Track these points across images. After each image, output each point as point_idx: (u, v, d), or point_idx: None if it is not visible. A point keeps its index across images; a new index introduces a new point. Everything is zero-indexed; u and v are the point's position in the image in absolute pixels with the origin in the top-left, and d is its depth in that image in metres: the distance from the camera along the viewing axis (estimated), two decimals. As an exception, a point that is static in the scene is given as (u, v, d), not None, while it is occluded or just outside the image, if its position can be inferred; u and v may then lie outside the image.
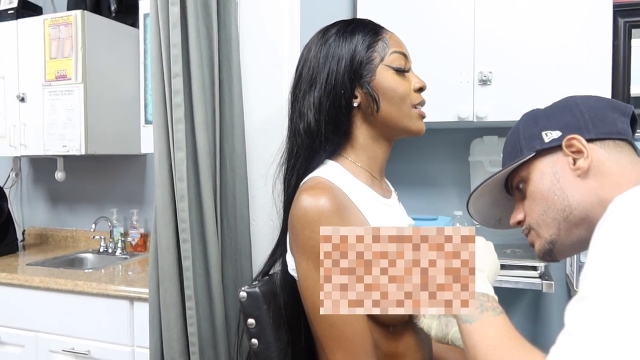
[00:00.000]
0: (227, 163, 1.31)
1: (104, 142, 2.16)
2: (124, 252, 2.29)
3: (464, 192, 2.08)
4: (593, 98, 0.80)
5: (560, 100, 0.83)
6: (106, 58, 2.17)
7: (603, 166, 0.73)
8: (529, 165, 0.80)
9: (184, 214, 1.23)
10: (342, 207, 0.81)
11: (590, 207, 0.73)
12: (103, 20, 2.19)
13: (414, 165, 2.11)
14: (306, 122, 0.89)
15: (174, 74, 1.21)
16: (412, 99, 0.91)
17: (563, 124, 0.77)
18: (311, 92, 0.90)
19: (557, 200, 0.75)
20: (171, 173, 1.25)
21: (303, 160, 0.90)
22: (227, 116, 1.30)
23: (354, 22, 0.93)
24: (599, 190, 0.72)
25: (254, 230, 1.35)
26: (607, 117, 0.76)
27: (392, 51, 0.90)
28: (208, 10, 1.28)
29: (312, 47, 0.93)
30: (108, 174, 2.48)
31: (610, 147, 0.74)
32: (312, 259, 0.79)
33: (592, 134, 0.75)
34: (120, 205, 2.42)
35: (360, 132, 0.92)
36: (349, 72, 0.88)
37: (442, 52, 1.73)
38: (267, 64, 1.33)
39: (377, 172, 0.95)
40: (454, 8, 1.72)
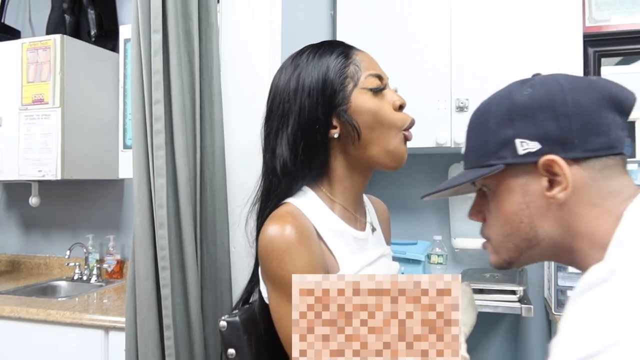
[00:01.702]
0: (208, 189, 1.30)
1: (81, 166, 2.12)
2: (100, 279, 2.24)
3: (443, 217, 2.10)
4: (586, 89, 0.62)
5: (546, 86, 0.64)
6: (85, 82, 2.16)
7: (583, 196, 0.61)
8: (498, 174, 0.65)
9: (163, 241, 1.21)
10: (309, 237, 0.79)
11: (559, 237, 0.63)
12: (82, 45, 2.18)
13: (393, 190, 2.13)
14: (282, 162, 0.85)
15: (155, 100, 1.21)
16: (399, 122, 0.86)
17: (543, 133, 0.61)
18: (284, 129, 0.86)
19: (522, 229, 0.65)
20: (151, 200, 1.23)
21: (279, 199, 0.87)
22: (207, 142, 1.30)
23: (323, 47, 0.89)
24: (572, 223, 0.62)
25: (234, 257, 1.33)
26: (601, 123, 0.60)
27: (366, 74, 0.86)
28: (190, 37, 1.29)
29: (280, 77, 0.89)
30: (84, 199, 2.44)
31: (597, 169, 0.61)
32: (283, 289, 0.77)
33: (578, 151, 0.60)
34: (97, 231, 2.37)
35: (338, 162, 0.88)
36: (322, 105, 0.84)
37: (420, 79, 1.77)
38: (248, 90, 1.34)
39: (352, 203, 0.92)
40: (432, 35, 1.77)
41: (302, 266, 0.77)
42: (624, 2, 1.96)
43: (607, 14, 1.97)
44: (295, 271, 0.76)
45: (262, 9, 1.35)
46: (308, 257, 0.78)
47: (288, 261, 0.76)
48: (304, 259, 0.77)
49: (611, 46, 1.96)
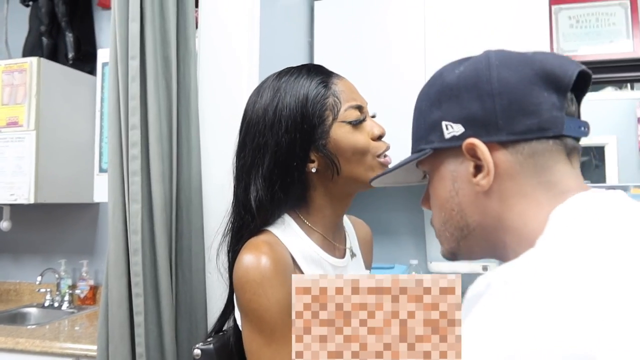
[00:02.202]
0: (184, 215, 1.29)
1: (55, 190, 2.09)
2: (71, 305, 2.18)
3: (419, 241, 2.13)
4: (517, 65, 0.56)
5: (474, 64, 0.59)
6: (61, 105, 2.14)
7: (511, 184, 0.55)
8: (431, 158, 0.61)
9: (137, 267, 1.19)
10: (285, 268, 0.78)
11: (491, 229, 0.58)
12: (59, 68, 2.17)
13: (370, 214, 2.15)
14: (257, 200, 0.82)
15: (131, 125, 1.21)
16: (374, 150, 0.84)
17: (467, 114, 0.56)
18: (259, 165, 0.82)
19: (454, 217, 0.60)
20: (125, 225, 1.22)
21: (252, 234, 0.83)
22: (184, 168, 1.30)
23: (301, 73, 0.85)
24: (502, 214, 0.56)
25: (210, 283, 1.32)
26: (530, 102, 0.54)
27: (345, 107, 0.83)
28: (168, 63, 1.30)
29: (255, 104, 0.85)
30: (57, 223, 2.39)
31: (526, 154, 0.55)
32: (255, 321, 0.76)
33: (503, 134, 0.54)
34: (70, 255, 2.32)
35: (318, 193, 0.86)
36: (300, 140, 0.81)
37: (394, 104, 1.80)
38: (226, 116, 1.35)
39: (331, 231, 0.90)
40: (406, 62, 1.82)
41: (276, 299, 0.76)
42: (589, 34, 2.05)
43: (574, 44, 2.06)
44: (268, 304, 0.75)
45: (240, 36, 1.37)
46: (282, 290, 0.77)
47: (261, 294, 0.76)
48: (278, 291, 0.76)
49: (578, 75, 2.03)
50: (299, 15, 1.91)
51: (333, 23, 1.91)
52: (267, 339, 0.76)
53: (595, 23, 2.05)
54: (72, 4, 2.34)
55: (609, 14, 2.04)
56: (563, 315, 0.41)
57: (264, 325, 0.76)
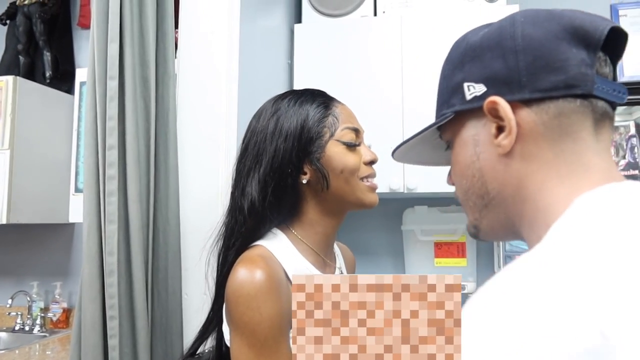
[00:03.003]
0: (160, 236, 1.28)
1: (29, 210, 2.05)
2: (43, 329, 2.13)
3: (398, 261, 2.14)
4: (543, 21, 0.52)
5: (500, 23, 0.56)
6: (37, 124, 2.12)
7: (533, 147, 0.52)
8: (453, 124, 0.59)
9: (112, 289, 1.18)
10: (278, 283, 0.79)
11: (510, 200, 0.55)
12: (36, 86, 2.15)
13: (348, 234, 2.16)
14: (250, 201, 0.86)
15: (108, 146, 1.20)
16: (361, 172, 0.89)
17: (490, 73, 0.53)
18: (256, 169, 0.87)
19: (475, 184, 0.57)
20: (101, 247, 1.21)
21: (243, 239, 0.87)
22: (162, 189, 1.29)
23: (305, 94, 0.92)
24: (521, 181, 0.53)
25: (186, 304, 1.31)
26: (556, 58, 0.50)
27: (343, 127, 0.89)
28: (147, 84, 1.30)
29: (260, 118, 0.91)
30: (31, 244, 2.34)
31: (551, 114, 0.51)
32: (246, 335, 0.77)
33: (526, 91, 0.51)
34: (42, 277, 2.27)
35: (310, 206, 0.90)
36: (297, 150, 0.86)
37: (373, 126, 1.83)
38: (204, 136, 1.35)
39: (323, 248, 0.93)
40: (384, 85, 1.85)
41: (268, 314, 0.77)
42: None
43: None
44: (260, 319, 0.76)
45: (220, 57, 1.38)
46: (276, 305, 0.78)
47: (254, 308, 0.76)
48: (271, 306, 0.77)
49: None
50: (279, 37, 1.94)
51: (313, 45, 1.94)
52: (256, 353, 0.76)
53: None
54: (50, 23, 2.33)
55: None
56: (572, 301, 0.38)
57: (255, 340, 0.76)
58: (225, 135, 1.35)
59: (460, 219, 2.04)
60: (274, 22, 1.88)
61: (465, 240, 2.04)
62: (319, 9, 2.03)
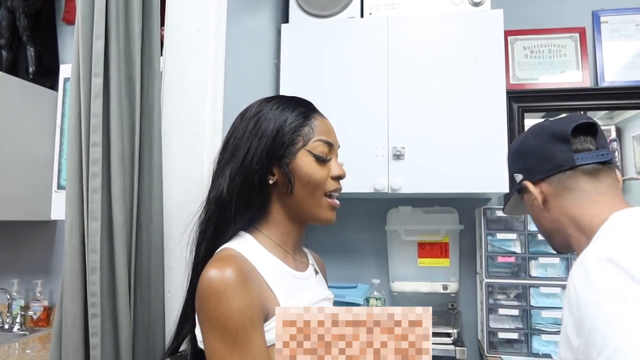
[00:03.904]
0: (144, 234, 1.28)
1: (10, 207, 2.02)
2: (23, 327, 2.10)
3: (381, 261, 2.15)
4: (538, 133, 0.97)
5: (521, 137, 1.02)
6: (19, 120, 2.09)
7: (554, 199, 0.94)
8: (521, 193, 1.03)
9: (94, 287, 1.17)
10: (248, 278, 0.81)
11: (565, 225, 0.93)
12: (18, 82, 2.12)
13: (333, 234, 2.17)
14: (218, 192, 0.91)
15: (92, 143, 1.20)
16: (326, 187, 0.93)
17: (521, 167, 0.99)
18: (229, 164, 0.92)
19: (540, 227, 1.01)
20: (83, 244, 1.20)
21: (213, 229, 0.91)
22: (145, 187, 1.29)
23: (289, 102, 0.96)
24: (559, 216, 0.94)
25: (169, 302, 1.30)
26: (547, 154, 0.93)
27: (316, 139, 0.92)
28: (132, 82, 1.29)
29: (243, 117, 0.96)
30: (11, 241, 2.31)
31: (555, 182, 0.93)
32: (218, 330, 0.78)
33: (538, 175, 0.95)
34: (23, 275, 2.24)
35: (275, 208, 0.94)
36: (267, 151, 0.90)
37: (359, 128, 1.84)
38: (189, 134, 1.35)
39: (291, 246, 0.96)
40: (371, 88, 1.87)
41: (238, 307, 0.78)
42: (543, 64, 2.16)
43: (529, 73, 2.16)
44: (230, 312, 0.77)
45: (206, 56, 1.38)
46: (245, 298, 0.79)
47: (225, 302, 0.78)
48: (240, 299, 0.78)
49: (533, 102, 2.14)
50: (266, 36, 1.94)
51: (299, 46, 1.95)
52: (229, 347, 0.78)
53: (548, 54, 2.17)
54: (34, 18, 2.30)
55: (561, 46, 2.16)
56: None
57: (227, 334, 0.78)
58: (210, 134, 1.35)
59: (443, 220, 2.07)
60: (261, 22, 1.88)
61: (448, 240, 2.07)
62: (306, 9, 2.03)
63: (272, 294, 0.85)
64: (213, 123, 1.36)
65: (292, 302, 0.88)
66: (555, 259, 1.84)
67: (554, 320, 1.81)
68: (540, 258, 1.85)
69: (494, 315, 1.87)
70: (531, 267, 1.85)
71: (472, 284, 2.10)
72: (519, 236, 1.88)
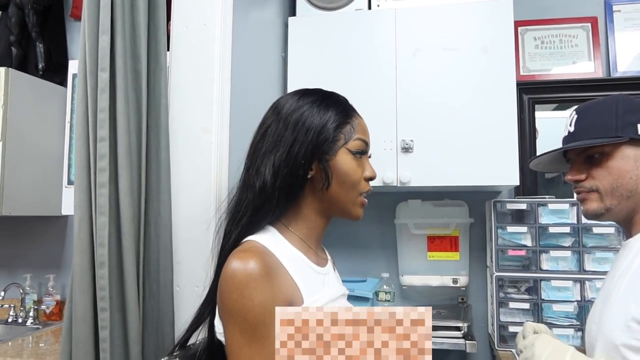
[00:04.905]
0: (152, 228, 1.28)
1: (22, 202, 2.05)
2: (37, 321, 2.13)
3: (391, 254, 2.14)
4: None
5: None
6: (30, 116, 2.10)
7: None
8: (615, 144, 0.97)
9: (103, 281, 1.18)
10: (271, 271, 0.81)
11: None
12: (28, 78, 2.14)
13: (343, 228, 2.16)
14: (262, 181, 0.90)
15: (99, 138, 1.20)
16: (361, 187, 0.95)
17: None
18: (273, 153, 0.91)
19: (629, 182, 0.97)
20: (92, 238, 1.21)
21: (249, 216, 0.90)
22: (153, 181, 1.29)
23: (331, 97, 0.98)
24: None
25: (178, 296, 1.31)
26: None
27: (357, 137, 0.95)
28: (138, 77, 1.29)
29: (285, 105, 0.95)
30: (24, 236, 2.34)
31: None
32: (238, 322, 0.78)
33: None
34: (36, 270, 2.27)
35: (306, 203, 0.94)
36: (313, 145, 0.91)
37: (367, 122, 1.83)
38: (196, 129, 1.35)
39: (314, 241, 0.97)
40: (379, 81, 1.85)
41: (259, 300, 0.78)
42: (554, 55, 2.13)
43: (540, 64, 2.13)
44: (251, 305, 0.78)
45: (212, 50, 1.38)
46: (267, 292, 0.79)
47: (246, 295, 0.78)
48: (262, 293, 0.78)
49: (543, 94, 2.11)
50: (273, 30, 1.93)
51: (307, 39, 1.94)
52: (248, 339, 0.78)
53: (559, 44, 2.13)
54: (43, 14, 2.32)
55: (572, 36, 2.13)
56: None
57: (247, 326, 0.78)
58: (218, 128, 1.35)
59: (453, 213, 2.05)
60: (268, 15, 1.87)
61: (458, 234, 2.05)
62: (313, 2, 2.02)
63: (297, 289, 0.85)
64: (220, 117, 1.36)
65: (316, 297, 0.88)
66: (567, 252, 1.82)
67: (565, 313, 1.79)
68: (552, 251, 1.83)
69: (504, 309, 1.85)
70: (542, 260, 1.83)
71: (482, 277, 2.09)
72: (530, 229, 1.85)
